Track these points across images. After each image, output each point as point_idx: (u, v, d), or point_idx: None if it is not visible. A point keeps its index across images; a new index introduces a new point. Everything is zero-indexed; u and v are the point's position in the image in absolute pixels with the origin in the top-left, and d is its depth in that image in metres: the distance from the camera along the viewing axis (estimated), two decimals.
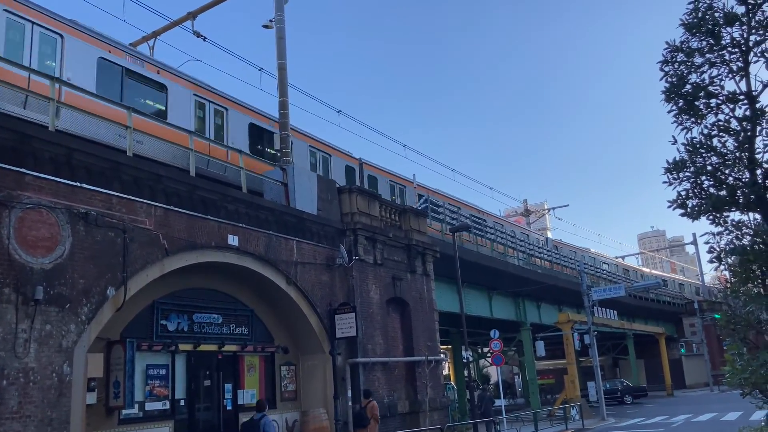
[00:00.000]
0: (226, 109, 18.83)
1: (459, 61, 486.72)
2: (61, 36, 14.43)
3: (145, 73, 16.46)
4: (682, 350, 58.42)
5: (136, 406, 13.57)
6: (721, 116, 9.38)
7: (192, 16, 21.42)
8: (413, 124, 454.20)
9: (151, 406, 14.07)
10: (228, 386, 16.17)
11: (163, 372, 14.50)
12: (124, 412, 13.18)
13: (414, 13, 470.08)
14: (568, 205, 70.45)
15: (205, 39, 21.38)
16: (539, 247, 38.54)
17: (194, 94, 17.79)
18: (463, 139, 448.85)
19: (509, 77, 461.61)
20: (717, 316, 40.26)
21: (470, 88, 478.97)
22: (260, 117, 20.17)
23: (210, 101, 18.34)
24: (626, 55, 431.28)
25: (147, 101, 16.53)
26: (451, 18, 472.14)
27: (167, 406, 14.44)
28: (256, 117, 19.98)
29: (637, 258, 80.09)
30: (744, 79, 9.25)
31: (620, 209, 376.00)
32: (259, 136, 20.11)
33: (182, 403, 14.87)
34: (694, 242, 60.06)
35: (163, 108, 16.81)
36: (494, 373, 50.00)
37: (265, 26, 20.91)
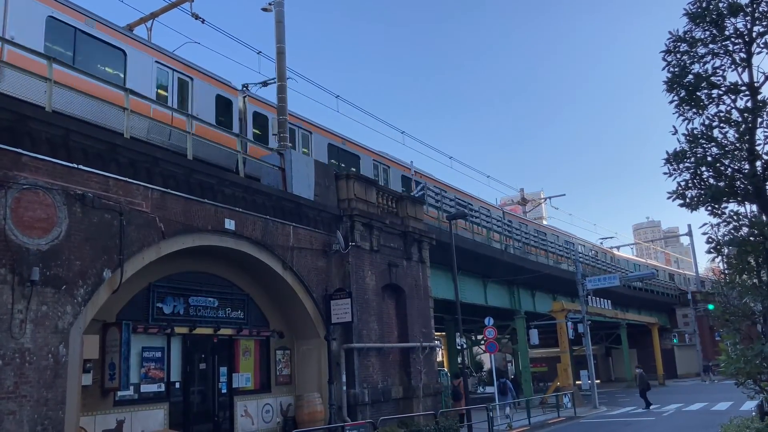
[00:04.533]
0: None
1: (456, 48, 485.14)
2: None
3: None
4: (675, 340, 58.86)
5: (132, 387, 13.61)
6: (722, 107, 9.37)
7: None
8: (411, 111, 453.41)
9: (146, 388, 14.08)
10: (223, 369, 16.21)
11: (158, 354, 14.51)
12: (119, 393, 13.21)
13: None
14: (564, 195, 70.62)
15: (203, 21, 21.20)
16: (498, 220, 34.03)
17: None
18: (460, 127, 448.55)
19: (507, 66, 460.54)
20: (711, 307, 40.58)
21: (468, 75, 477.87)
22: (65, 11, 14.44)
23: None
24: (623, 46, 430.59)
25: None
26: (450, 4, 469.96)
27: (162, 389, 14.46)
28: (56, 7, 14.30)
29: (632, 248, 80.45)
30: (746, 70, 9.23)
31: (616, 199, 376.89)
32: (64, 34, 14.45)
33: (177, 385, 14.89)
34: (689, 233, 60.20)
35: None
36: (487, 360, 50.34)
37: (264, 9, 20.76)
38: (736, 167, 9.26)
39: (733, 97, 9.29)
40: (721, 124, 9.27)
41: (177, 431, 14.17)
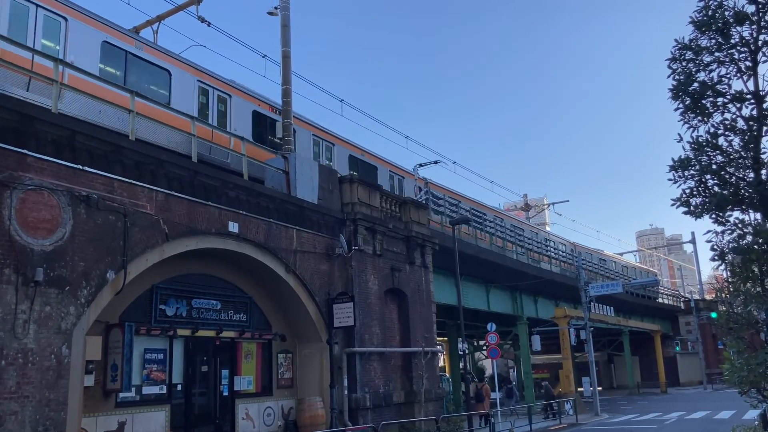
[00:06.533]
0: None
1: (460, 53, 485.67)
2: None
3: None
4: (677, 348, 58.63)
5: (134, 389, 13.62)
6: (727, 115, 9.37)
7: (197, 0, 21.25)
8: (415, 116, 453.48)
9: (148, 389, 14.09)
10: (225, 372, 16.21)
11: (160, 356, 14.51)
12: (121, 395, 13.22)
13: (418, 3, 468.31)
14: (568, 201, 70.42)
15: (209, 24, 21.21)
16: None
17: None
18: (464, 132, 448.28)
19: (511, 72, 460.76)
20: (713, 315, 40.45)
21: (472, 81, 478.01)
22: None
23: None
24: (629, 52, 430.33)
25: None
26: (455, 9, 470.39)
27: (164, 391, 14.47)
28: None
29: (635, 255, 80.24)
30: (752, 79, 9.23)
31: (620, 206, 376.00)
32: None
33: (179, 387, 14.90)
34: (693, 241, 60.12)
35: None
36: (489, 365, 50.18)
37: (270, 13, 20.79)
38: (740, 175, 9.25)
39: (738, 105, 9.29)
40: (726, 132, 9.26)
41: None
